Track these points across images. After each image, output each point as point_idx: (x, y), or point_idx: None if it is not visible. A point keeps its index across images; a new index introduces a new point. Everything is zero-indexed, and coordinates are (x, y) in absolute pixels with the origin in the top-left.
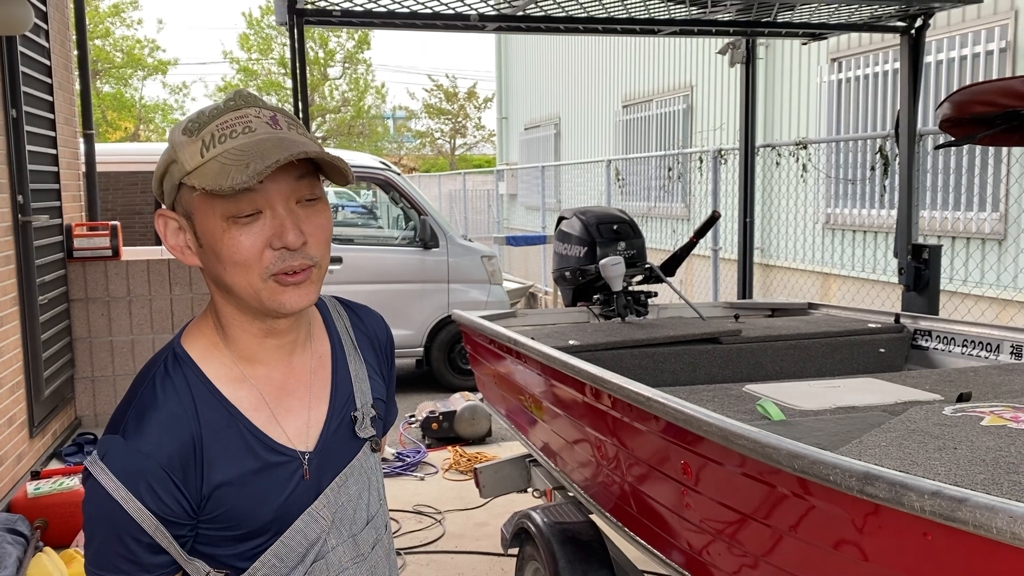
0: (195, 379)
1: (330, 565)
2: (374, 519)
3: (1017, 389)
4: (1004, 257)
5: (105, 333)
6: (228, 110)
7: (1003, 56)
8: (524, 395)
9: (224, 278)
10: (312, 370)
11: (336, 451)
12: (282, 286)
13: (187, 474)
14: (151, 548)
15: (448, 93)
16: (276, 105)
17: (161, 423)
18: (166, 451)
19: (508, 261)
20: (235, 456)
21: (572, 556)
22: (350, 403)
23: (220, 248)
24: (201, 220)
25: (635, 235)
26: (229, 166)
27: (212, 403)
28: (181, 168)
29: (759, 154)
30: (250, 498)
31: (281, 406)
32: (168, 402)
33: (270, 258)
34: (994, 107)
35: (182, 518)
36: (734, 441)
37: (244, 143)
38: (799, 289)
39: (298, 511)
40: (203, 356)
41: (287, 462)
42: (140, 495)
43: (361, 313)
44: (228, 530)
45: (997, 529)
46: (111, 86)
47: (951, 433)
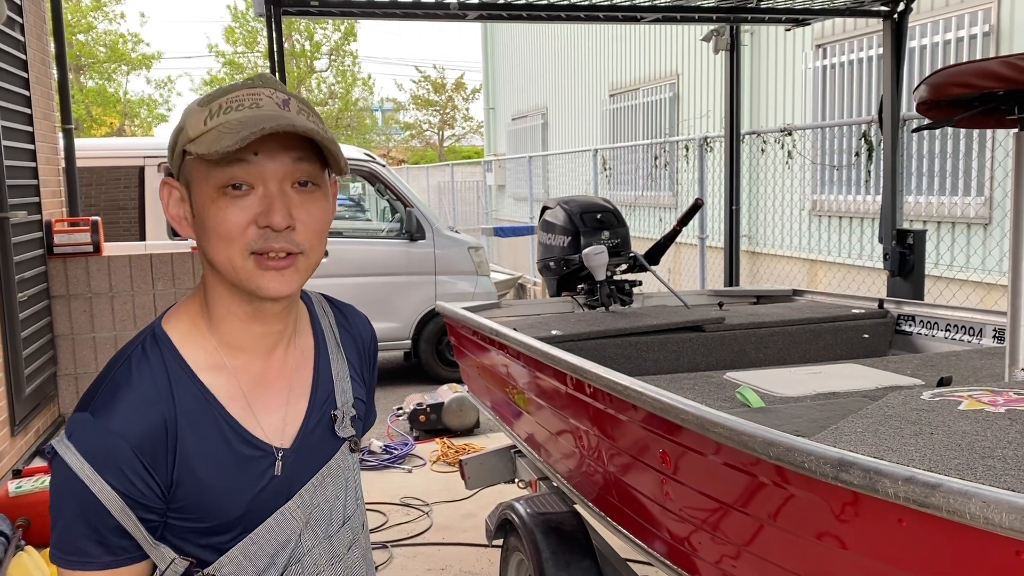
0: (173, 362)
1: (305, 567)
2: (351, 519)
3: (998, 373)
4: (988, 241)
5: (87, 330)
6: (243, 87)
7: (986, 40)
8: (507, 386)
9: (208, 250)
10: (294, 366)
11: (314, 449)
12: (261, 269)
13: (156, 457)
14: (116, 531)
15: (436, 84)
16: (285, 87)
17: (132, 403)
18: (136, 432)
19: (497, 252)
20: (208, 443)
21: (555, 546)
22: (330, 402)
23: (207, 218)
24: (196, 189)
25: (619, 224)
26: (224, 134)
27: (188, 387)
28: (185, 136)
29: (745, 141)
30: (220, 489)
31: (259, 399)
32: (142, 383)
33: (252, 235)
34: (971, 89)
35: (151, 501)
36: (710, 429)
37: (246, 116)
38: (786, 276)
39: (269, 508)
40: (184, 339)
41: (260, 457)
42: (106, 475)
43: (347, 312)
44: (196, 522)
45: (970, 514)
46: (95, 81)
47: (928, 418)
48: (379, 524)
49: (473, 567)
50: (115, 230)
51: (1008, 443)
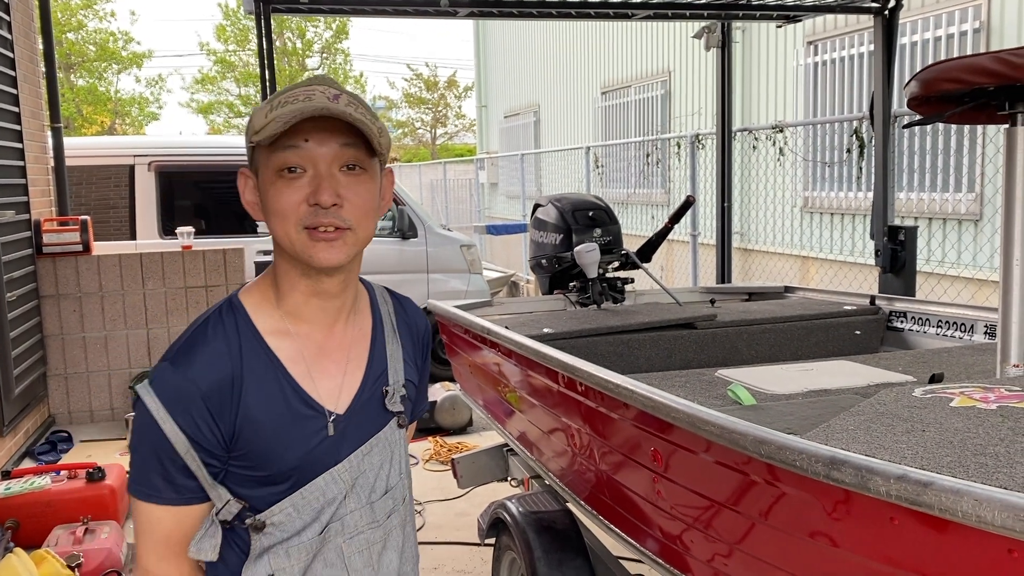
0: (244, 326)
1: (346, 526)
2: (393, 490)
3: (989, 369)
4: (980, 237)
5: (77, 329)
6: (302, 84)
7: (976, 36)
8: (499, 384)
9: (271, 227)
10: (352, 341)
11: (364, 420)
12: (313, 241)
13: (222, 406)
14: (183, 470)
15: (428, 82)
16: (353, 92)
17: (206, 357)
18: (207, 381)
19: (490, 250)
20: (268, 399)
21: (548, 545)
22: (383, 378)
23: (268, 198)
24: (260, 175)
25: (611, 221)
26: (276, 123)
27: (256, 349)
28: (252, 129)
29: (736, 138)
30: (275, 441)
31: (317, 365)
32: (216, 340)
33: (304, 212)
34: (961, 84)
35: (213, 447)
36: (701, 427)
37: (298, 107)
38: (778, 273)
39: (319, 466)
40: (255, 308)
41: (314, 417)
42: (177, 417)
43: (404, 304)
44: (253, 471)
45: (963, 512)
46: (85, 80)
47: (920, 415)
48: (414, 507)
49: (466, 566)
50: (105, 229)
51: (1000, 440)
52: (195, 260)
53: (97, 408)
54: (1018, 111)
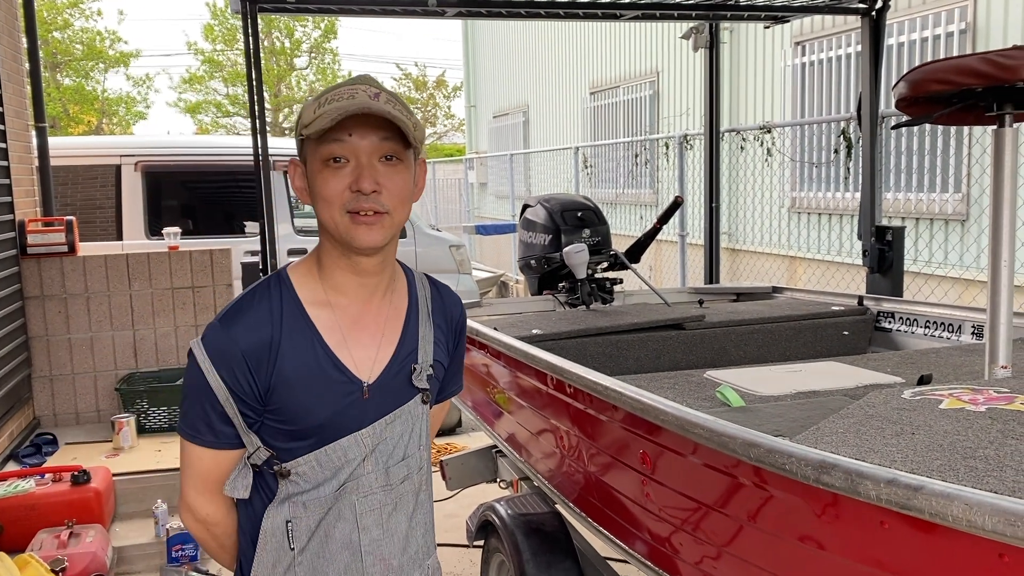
0: (288, 296)
1: (360, 486)
2: (409, 459)
3: (977, 370)
4: (966, 237)
5: (63, 331)
6: (346, 84)
7: (963, 37)
8: (488, 386)
9: (318, 212)
10: (387, 317)
11: (391, 391)
12: (355, 224)
13: (260, 364)
14: (222, 417)
15: (417, 82)
16: (392, 90)
17: (249, 320)
18: (248, 341)
19: (479, 250)
20: (303, 361)
21: (536, 547)
22: (412, 356)
23: (315, 185)
24: (309, 165)
25: (599, 222)
26: (323, 119)
27: (296, 317)
28: (301, 123)
29: (724, 139)
30: (307, 399)
31: (352, 335)
32: (260, 307)
33: (347, 197)
34: (950, 85)
35: (249, 398)
36: (690, 430)
37: (343, 104)
38: (766, 273)
39: (344, 428)
40: (300, 281)
41: (345, 382)
42: (220, 370)
43: (442, 291)
44: (284, 424)
45: (953, 517)
46: (72, 79)
47: (909, 418)
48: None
49: (455, 568)
50: (92, 230)
51: (990, 443)
52: (182, 261)
53: (83, 410)
54: (1006, 112)
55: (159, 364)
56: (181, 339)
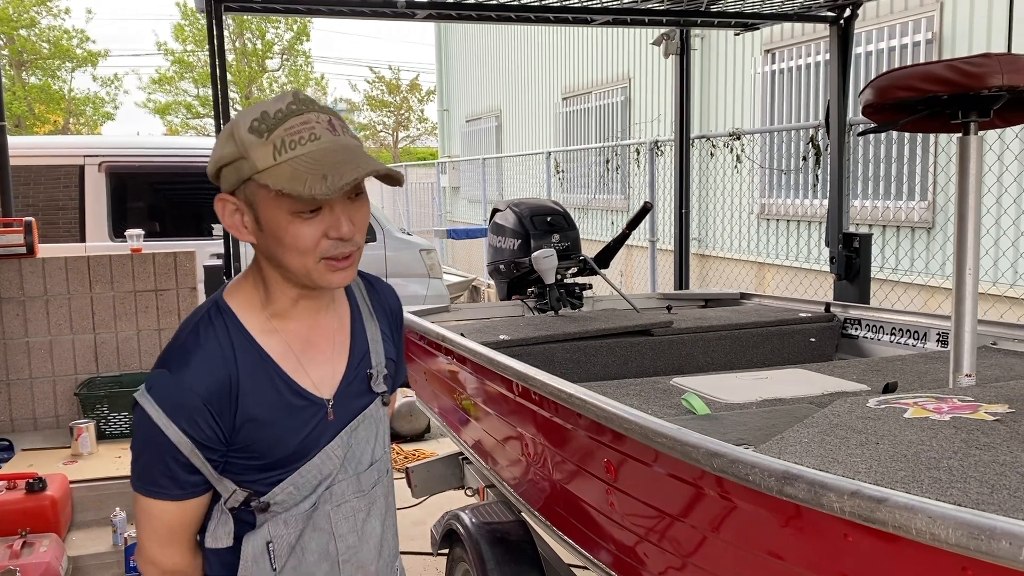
0: (234, 328)
1: (334, 495)
2: (377, 463)
3: (942, 378)
4: (932, 245)
5: (21, 334)
6: (292, 114)
7: (929, 47)
8: (454, 392)
9: (282, 258)
10: (334, 328)
11: (352, 401)
12: (332, 270)
13: (222, 408)
14: (187, 467)
15: (390, 85)
16: (325, 106)
17: (202, 362)
18: (206, 386)
19: (451, 254)
20: (265, 396)
21: (501, 557)
22: (366, 360)
23: (284, 236)
24: (266, 210)
25: (569, 227)
26: (304, 173)
27: (248, 349)
28: (252, 166)
29: (694, 145)
30: (274, 433)
31: (306, 356)
32: (209, 344)
33: (325, 245)
34: (915, 92)
35: (215, 444)
36: (653, 439)
37: (313, 151)
38: (735, 279)
39: (313, 447)
40: (242, 310)
41: (308, 406)
42: (179, 422)
43: (377, 285)
44: (254, 460)
45: (916, 530)
46: (38, 78)
47: (874, 427)
48: (393, 476)
49: (420, 575)
50: (54, 231)
51: (954, 453)
52: (145, 263)
53: (41, 415)
54: (971, 120)
55: (121, 368)
56: (144, 343)
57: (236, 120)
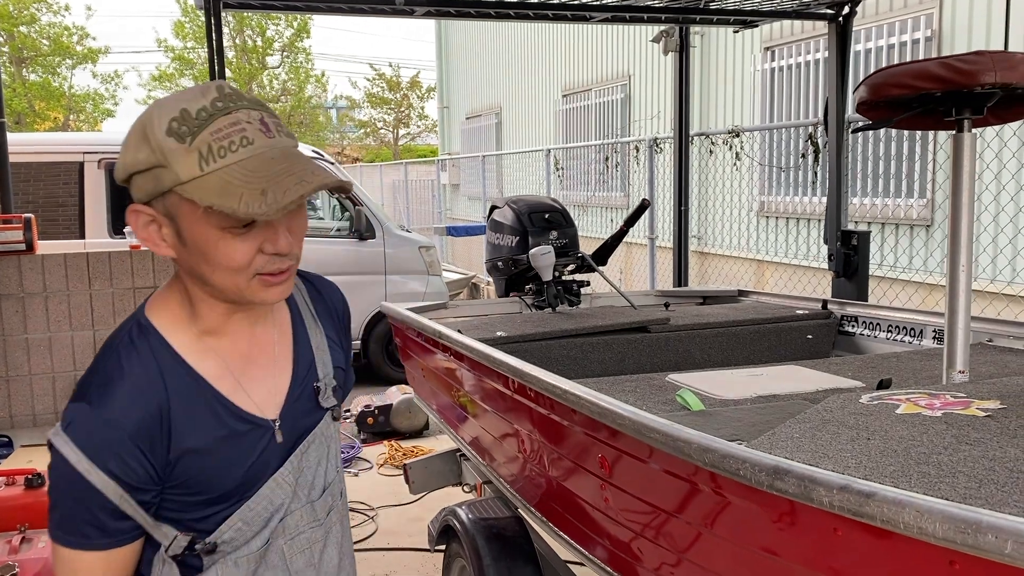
0: (160, 349)
1: (287, 528)
2: (331, 486)
3: (936, 374)
4: (930, 243)
5: (20, 331)
6: (218, 113)
7: (928, 45)
8: (452, 389)
9: (209, 277)
10: (274, 341)
11: (299, 419)
12: (267, 285)
13: (153, 442)
14: (115, 514)
15: (391, 82)
16: (255, 98)
17: (127, 392)
18: (132, 419)
19: (451, 251)
20: (202, 424)
21: (497, 552)
22: (312, 373)
23: (214, 254)
24: (191, 224)
25: (567, 224)
26: (237, 186)
27: (178, 372)
28: (173, 176)
29: (694, 142)
30: (216, 464)
31: (246, 375)
32: (134, 371)
33: (260, 261)
34: (909, 90)
35: (147, 484)
36: (646, 434)
37: (246, 159)
38: (734, 276)
39: (262, 476)
40: (168, 327)
41: (253, 430)
42: (105, 465)
43: (319, 285)
44: (195, 495)
45: (904, 524)
46: (38, 75)
47: (865, 423)
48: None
49: (418, 572)
50: (54, 228)
51: (944, 448)
52: (143, 260)
53: (40, 411)
54: (964, 117)
55: None
56: None
57: (149, 118)
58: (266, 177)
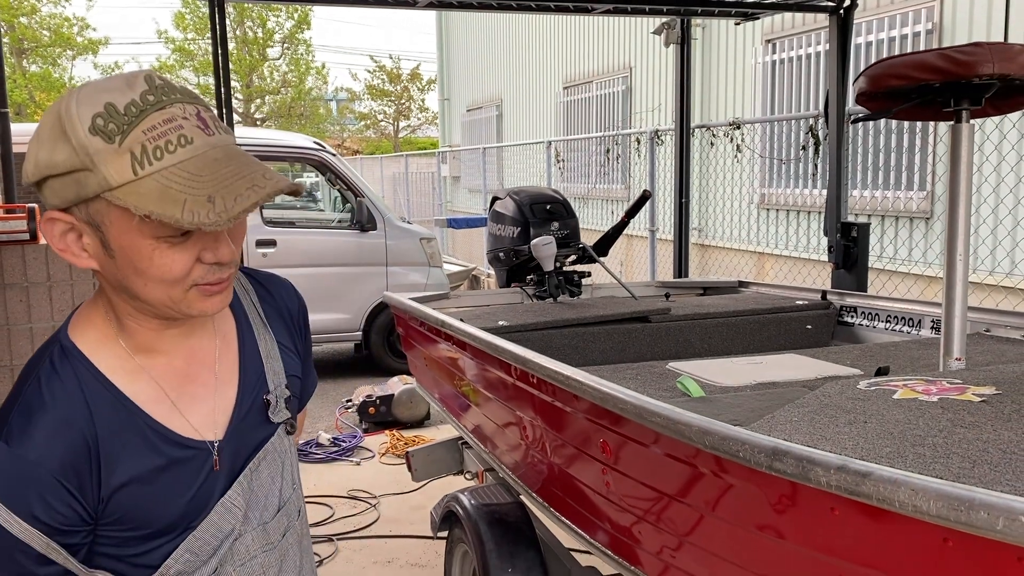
0: (86, 374)
1: (236, 553)
2: (286, 505)
3: (934, 363)
4: (930, 235)
5: (24, 320)
6: (150, 108)
7: (929, 37)
8: (454, 377)
9: (140, 290)
10: (217, 354)
11: (248, 436)
12: (206, 296)
13: (82, 479)
14: (40, 560)
15: (391, 74)
16: (187, 89)
17: (49, 426)
18: (57, 456)
19: (452, 244)
20: (136, 454)
21: (499, 538)
22: (261, 384)
23: (147, 266)
24: (119, 234)
25: (568, 215)
26: (179, 192)
27: (107, 399)
28: (100, 180)
29: (695, 135)
30: (155, 496)
31: (184, 395)
32: (56, 403)
33: (199, 272)
34: (908, 80)
35: (76, 525)
36: (648, 418)
37: (186, 161)
38: (735, 269)
39: (208, 502)
40: (94, 349)
41: (193, 456)
42: (27, 512)
43: (269, 285)
44: (134, 530)
45: (899, 502)
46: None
47: (863, 407)
48: (325, 517)
49: (420, 559)
50: None
51: (939, 431)
52: None
53: None
54: (962, 108)
55: None
56: None
57: (67, 111)
58: (212, 181)
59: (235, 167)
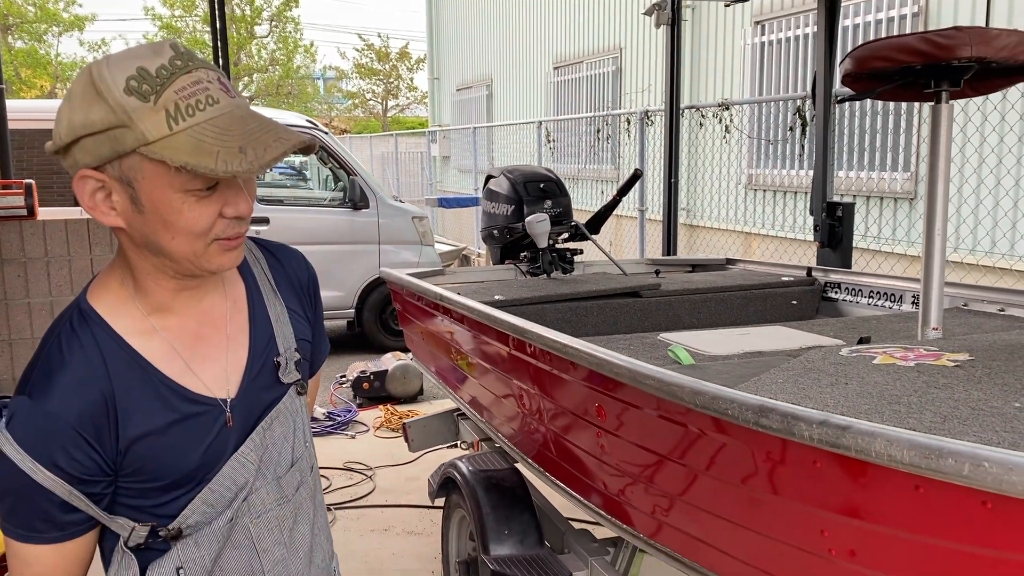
0: (103, 335)
1: (252, 506)
2: (299, 461)
3: (913, 334)
4: (913, 215)
5: (22, 295)
6: (178, 71)
7: (915, 20)
8: (451, 350)
9: (167, 244)
10: (228, 316)
11: (259, 396)
12: (224, 250)
13: (100, 431)
14: (64, 508)
15: (380, 53)
16: (207, 61)
17: (69, 382)
18: (76, 410)
19: (441, 223)
20: (150, 409)
21: (496, 502)
22: (271, 347)
23: (175, 219)
24: (152, 188)
25: (561, 194)
26: (212, 145)
27: (122, 358)
28: (138, 135)
29: (684, 115)
30: (170, 449)
31: (196, 354)
32: (75, 361)
33: (221, 225)
34: (891, 62)
35: (96, 475)
36: (642, 381)
37: (216, 118)
38: (722, 248)
39: (222, 456)
40: (111, 311)
41: (206, 411)
42: (50, 461)
43: (280, 255)
44: (152, 481)
45: (876, 453)
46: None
47: (844, 371)
48: (323, 488)
49: (416, 527)
50: (48, 195)
51: (914, 391)
52: None
53: None
54: (943, 89)
55: None
56: None
57: (99, 75)
58: (241, 135)
59: (259, 123)
